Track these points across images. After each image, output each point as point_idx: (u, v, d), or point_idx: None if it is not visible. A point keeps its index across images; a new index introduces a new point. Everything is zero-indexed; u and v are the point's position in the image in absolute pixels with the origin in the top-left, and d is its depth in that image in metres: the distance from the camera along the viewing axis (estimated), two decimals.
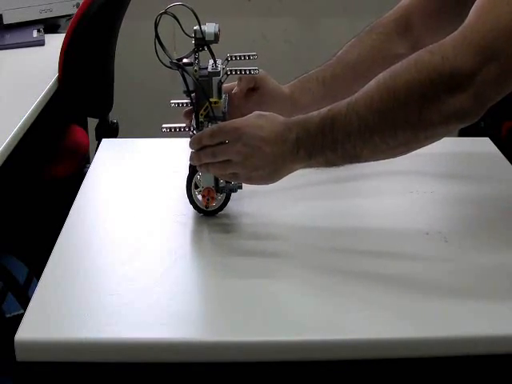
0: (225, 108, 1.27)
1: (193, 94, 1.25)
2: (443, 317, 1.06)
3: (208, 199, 1.28)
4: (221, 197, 1.29)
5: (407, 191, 1.41)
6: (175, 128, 1.31)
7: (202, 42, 1.23)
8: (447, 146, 1.66)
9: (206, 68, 1.25)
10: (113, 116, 2.48)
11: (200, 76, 1.24)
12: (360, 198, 1.39)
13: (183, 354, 1.02)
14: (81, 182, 1.44)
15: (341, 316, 1.06)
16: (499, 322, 1.04)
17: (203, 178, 1.28)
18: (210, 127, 1.23)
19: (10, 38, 2.46)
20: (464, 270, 1.16)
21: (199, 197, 1.29)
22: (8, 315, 2.21)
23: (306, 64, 1.56)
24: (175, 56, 1.24)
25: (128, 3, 2.38)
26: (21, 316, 1.05)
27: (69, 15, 2.61)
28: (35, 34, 2.50)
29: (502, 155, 1.57)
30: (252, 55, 1.30)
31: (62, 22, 2.70)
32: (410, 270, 1.16)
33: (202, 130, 1.25)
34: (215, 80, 1.25)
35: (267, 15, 3.44)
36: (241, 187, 1.28)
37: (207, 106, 1.25)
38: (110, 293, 1.10)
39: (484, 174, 1.49)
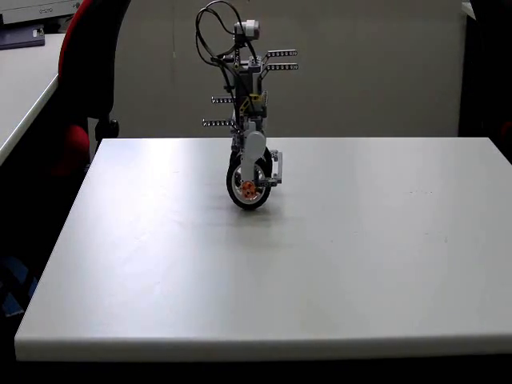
0: (265, 103, 1.29)
1: (232, 90, 1.27)
2: (443, 316, 1.06)
3: (248, 193, 1.30)
4: (260, 191, 1.31)
5: (407, 191, 1.41)
6: (216, 122, 1.31)
7: (242, 38, 1.25)
8: (447, 146, 1.66)
9: (247, 64, 1.27)
10: (113, 116, 2.48)
11: (240, 72, 1.26)
12: (360, 197, 1.39)
13: (183, 354, 1.02)
14: (81, 181, 1.44)
15: (340, 316, 1.06)
16: (500, 322, 1.04)
17: (243, 172, 1.29)
18: None
19: (10, 37, 2.47)
20: (464, 270, 1.16)
21: (239, 191, 1.31)
22: (8, 315, 2.21)
23: (305, 64, 1.56)
24: (174, 55, 1.24)
25: (128, 3, 2.38)
26: (21, 316, 1.05)
27: (69, 15, 2.61)
28: (35, 34, 2.51)
29: (502, 155, 1.57)
30: (292, 52, 1.32)
31: (62, 21, 2.71)
32: (410, 270, 1.16)
33: (242, 124, 1.27)
34: (255, 75, 1.27)
35: (266, 15, 3.44)
36: (280, 181, 1.31)
37: (247, 101, 1.26)
38: (110, 293, 1.10)
39: (484, 174, 1.49)
